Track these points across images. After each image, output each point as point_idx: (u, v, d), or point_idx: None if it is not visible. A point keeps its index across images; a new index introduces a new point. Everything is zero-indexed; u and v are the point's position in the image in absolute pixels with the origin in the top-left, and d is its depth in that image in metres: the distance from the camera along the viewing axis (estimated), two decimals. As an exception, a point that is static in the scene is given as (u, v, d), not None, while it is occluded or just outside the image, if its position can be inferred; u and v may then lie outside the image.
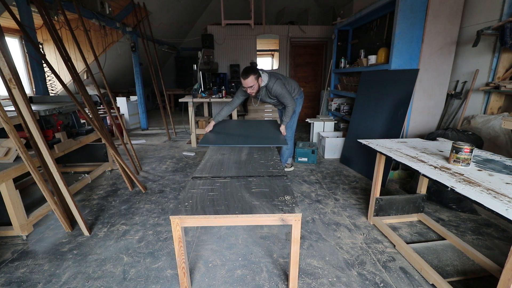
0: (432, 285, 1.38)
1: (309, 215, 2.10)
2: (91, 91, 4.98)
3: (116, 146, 2.63)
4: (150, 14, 5.15)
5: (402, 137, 2.91)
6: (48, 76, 3.62)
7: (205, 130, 2.49)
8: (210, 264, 1.57)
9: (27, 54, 4.26)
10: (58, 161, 2.37)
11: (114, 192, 2.53)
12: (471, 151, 1.33)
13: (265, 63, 8.69)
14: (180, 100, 4.04)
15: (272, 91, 2.45)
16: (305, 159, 3.30)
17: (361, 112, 3.13)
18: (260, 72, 2.40)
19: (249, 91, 2.37)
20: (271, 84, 2.42)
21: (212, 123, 2.55)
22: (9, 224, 1.75)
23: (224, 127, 2.64)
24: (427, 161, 1.45)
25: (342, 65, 4.04)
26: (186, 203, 1.25)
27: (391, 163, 2.66)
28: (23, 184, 2.50)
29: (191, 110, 4.01)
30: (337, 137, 3.61)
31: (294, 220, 1.18)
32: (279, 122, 2.76)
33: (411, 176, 2.77)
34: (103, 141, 2.52)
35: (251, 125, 2.80)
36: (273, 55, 8.16)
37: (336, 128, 4.14)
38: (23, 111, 1.68)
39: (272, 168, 1.69)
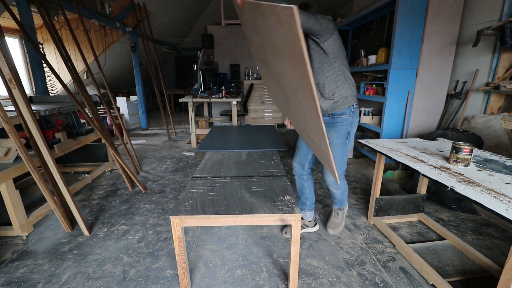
0: (432, 285, 1.38)
1: (309, 215, 2.09)
2: (91, 91, 4.98)
3: (116, 146, 2.63)
4: (150, 14, 5.15)
5: (402, 137, 2.92)
6: (48, 76, 3.62)
7: None
8: (210, 264, 1.57)
9: (27, 54, 4.26)
10: (58, 161, 2.37)
11: (114, 192, 2.53)
12: (471, 151, 1.33)
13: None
14: (180, 100, 4.04)
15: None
16: (305, 159, 3.30)
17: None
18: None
19: None
20: None
21: None
22: (9, 224, 1.75)
23: (223, 132, 2.64)
24: (427, 161, 1.45)
25: (342, 65, 4.04)
26: (186, 203, 1.25)
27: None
28: (23, 184, 2.50)
29: (191, 110, 4.01)
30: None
31: (294, 220, 1.18)
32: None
33: (411, 176, 2.77)
34: (103, 141, 2.52)
35: (249, 130, 2.79)
36: (273, 55, 8.15)
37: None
38: (23, 111, 1.68)
39: (272, 168, 1.69)
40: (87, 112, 2.46)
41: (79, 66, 4.93)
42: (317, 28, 1.35)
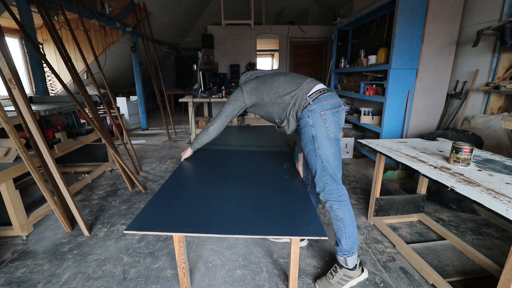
0: (432, 285, 1.38)
1: (309, 215, 2.09)
2: (91, 91, 4.98)
3: (116, 146, 2.63)
4: (150, 14, 5.15)
5: (402, 137, 2.92)
6: (48, 76, 3.62)
7: (182, 157, 1.71)
8: (210, 264, 1.57)
9: (27, 54, 4.26)
10: (58, 161, 2.37)
11: (114, 192, 2.52)
12: (471, 151, 1.33)
13: (265, 63, 8.71)
14: (180, 100, 4.04)
15: None
16: (305, 159, 3.29)
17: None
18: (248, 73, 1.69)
19: None
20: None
21: (190, 151, 1.70)
22: (9, 224, 1.75)
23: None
24: (427, 161, 1.45)
25: (342, 65, 4.04)
26: (186, 203, 1.25)
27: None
28: (23, 184, 2.50)
29: (191, 110, 4.01)
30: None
31: (294, 220, 1.18)
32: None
33: (411, 176, 2.77)
34: (103, 141, 2.52)
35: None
36: (273, 55, 8.16)
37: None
38: (23, 111, 1.68)
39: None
40: (87, 112, 2.46)
41: (79, 66, 4.93)
42: (231, 108, 1.51)
